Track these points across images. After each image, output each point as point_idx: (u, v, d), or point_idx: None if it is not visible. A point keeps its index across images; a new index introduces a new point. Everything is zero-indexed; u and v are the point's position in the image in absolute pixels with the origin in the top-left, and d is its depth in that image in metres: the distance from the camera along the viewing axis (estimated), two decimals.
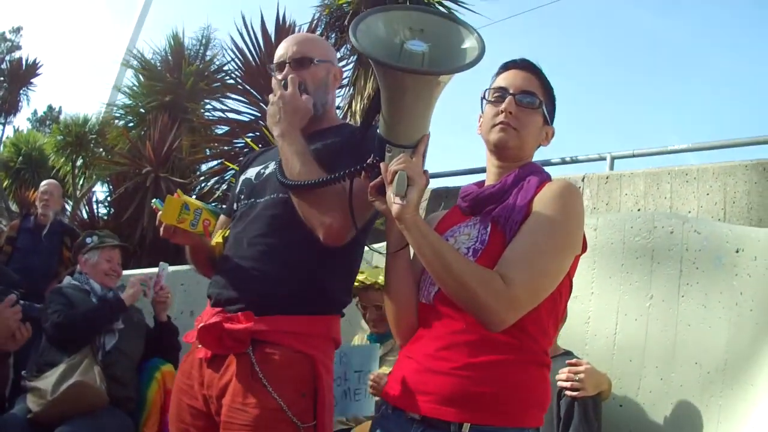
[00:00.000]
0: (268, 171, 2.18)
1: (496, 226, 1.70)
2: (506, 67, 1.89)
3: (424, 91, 1.55)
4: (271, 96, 2.09)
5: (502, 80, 1.86)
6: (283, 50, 2.21)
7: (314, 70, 2.18)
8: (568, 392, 2.88)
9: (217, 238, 2.21)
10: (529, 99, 1.82)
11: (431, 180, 1.83)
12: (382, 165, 1.63)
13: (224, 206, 2.41)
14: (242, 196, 2.21)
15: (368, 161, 1.70)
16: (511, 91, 1.82)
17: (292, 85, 2.07)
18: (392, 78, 1.53)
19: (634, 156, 6.80)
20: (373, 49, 1.55)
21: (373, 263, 4.17)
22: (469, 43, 1.58)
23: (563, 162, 7.27)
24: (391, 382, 1.78)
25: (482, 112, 1.89)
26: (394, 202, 1.57)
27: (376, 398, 3.14)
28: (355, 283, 3.56)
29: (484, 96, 1.89)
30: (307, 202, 1.93)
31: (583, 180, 6.06)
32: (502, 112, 1.80)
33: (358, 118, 8.39)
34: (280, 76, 2.16)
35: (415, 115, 1.61)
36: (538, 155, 1.96)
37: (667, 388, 3.14)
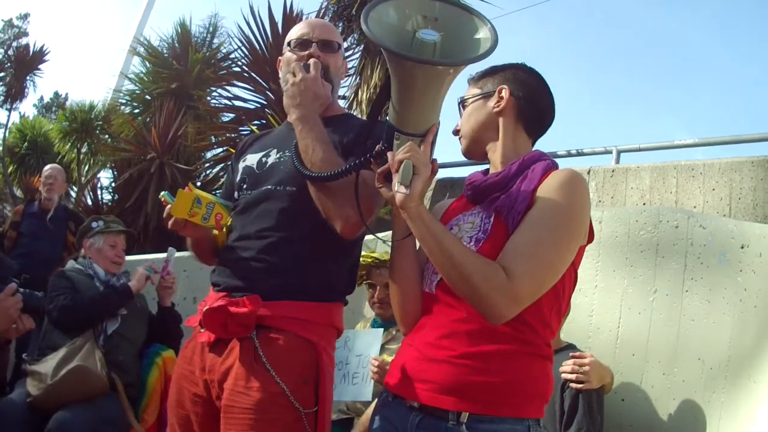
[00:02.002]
0: (271, 160, 2.15)
1: (500, 216, 1.68)
2: None
3: (435, 81, 1.54)
4: (289, 76, 2.05)
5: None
6: (307, 29, 2.18)
7: (337, 57, 2.19)
8: (572, 384, 2.87)
9: None
10: (462, 106, 1.95)
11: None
12: (389, 153, 1.62)
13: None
14: (244, 185, 2.18)
15: (377, 148, 1.69)
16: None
17: (315, 70, 2.04)
18: (403, 67, 1.52)
19: (640, 150, 6.78)
20: (385, 37, 1.53)
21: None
22: (482, 34, 1.56)
23: (569, 154, 7.27)
24: (393, 370, 1.78)
25: None
26: (398, 191, 1.56)
27: (379, 384, 3.12)
28: (368, 260, 3.54)
29: None
30: (325, 193, 1.91)
31: (588, 173, 6.04)
32: None
33: (364, 107, 8.39)
34: (303, 53, 2.13)
35: (425, 105, 1.60)
36: (544, 147, 1.94)
37: (670, 384, 3.13)
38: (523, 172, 1.73)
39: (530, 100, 1.85)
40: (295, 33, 2.21)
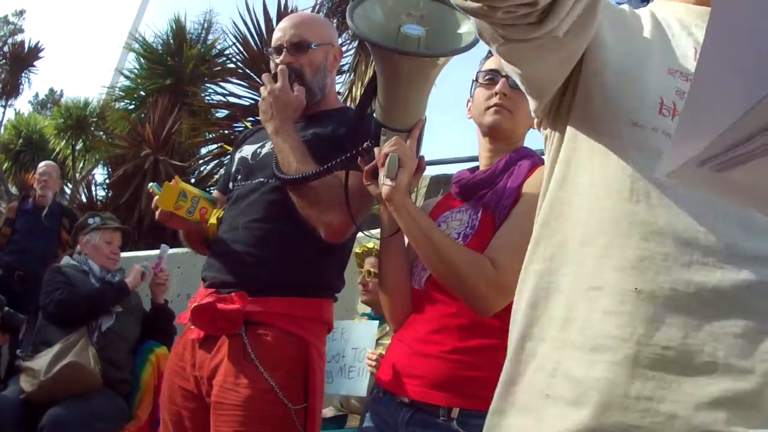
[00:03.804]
0: (264, 151, 2.15)
1: (487, 211, 1.69)
2: None
3: (420, 74, 1.55)
4: (262, 89, 2.04)
5: (492, 63, 1.80)
6: (280, 33, 2.14)
7: (312, 55, 2.11)
8: None
9: (211, 219, 2.19)
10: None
11: (430, 167, 1.83)
12: (376, 149, 1.63)
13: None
14: (239, 176, 2.18)
15: (364, 146, 1.69)
16: (503, 74, 1.74)
17: (282, 78, 2.01)
18: (388, 61, 1.53)
19: None
20: (370, 32, 1.54)
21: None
22: (465, 28, 1.57)
23: None
24: (384, 366, 1.78)
25: (471, 96, 1.84)
26: (383, 183, 1.56)
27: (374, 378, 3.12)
28: (372, 245, 3.53)
29: (476, 79, 1.83)
30: (306, 200, 1.91)
31: None
32: (496, 94, 1.74)
33: None
34: (277, 61, 2.11)
35: (410, 99, 1.61)
36: (536, 144, 1.93)
37: None
38: (509, 169, 1.73)
39: None
40: (273, 40, 2.19)
